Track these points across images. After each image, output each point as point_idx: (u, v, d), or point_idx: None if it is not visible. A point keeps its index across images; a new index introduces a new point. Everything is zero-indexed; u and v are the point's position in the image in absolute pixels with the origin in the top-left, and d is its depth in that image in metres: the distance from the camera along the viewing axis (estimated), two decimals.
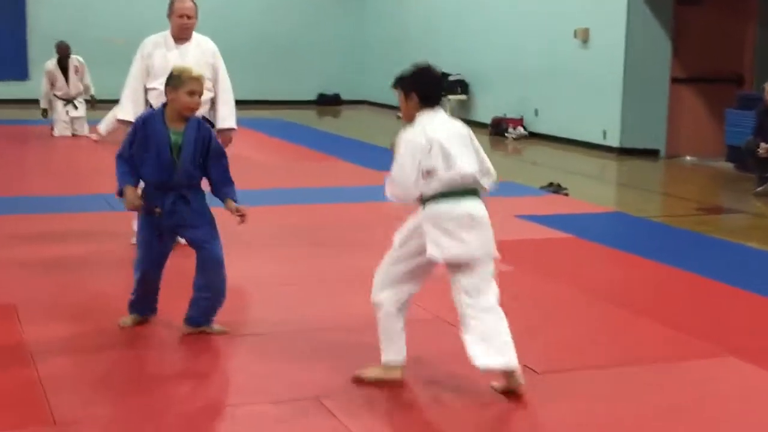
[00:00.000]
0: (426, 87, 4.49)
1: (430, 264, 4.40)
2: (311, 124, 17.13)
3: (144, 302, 5.23)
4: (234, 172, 5.15)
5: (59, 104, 13.84)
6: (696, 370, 4.85)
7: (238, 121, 7.44)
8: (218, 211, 5.17)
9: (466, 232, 4.32)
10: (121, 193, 4.99)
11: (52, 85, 13.89)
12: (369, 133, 15.74)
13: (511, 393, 4.34)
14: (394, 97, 5.02)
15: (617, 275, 7.02)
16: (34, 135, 14.18)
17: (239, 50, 19.60)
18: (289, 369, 4.65)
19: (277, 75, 19.92)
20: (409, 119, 4.46)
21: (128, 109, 6.97)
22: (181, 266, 5.36)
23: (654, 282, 6.70)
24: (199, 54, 7.01)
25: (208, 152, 4.98)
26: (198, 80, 4.93)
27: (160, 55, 6.93)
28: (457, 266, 4.36)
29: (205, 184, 5.10)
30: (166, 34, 7.02)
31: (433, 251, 4.30)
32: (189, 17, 6.95)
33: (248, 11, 19.83)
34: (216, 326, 5.09)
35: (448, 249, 4.31)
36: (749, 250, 7.80)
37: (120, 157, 5.02)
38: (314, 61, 20.13)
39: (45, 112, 13.97)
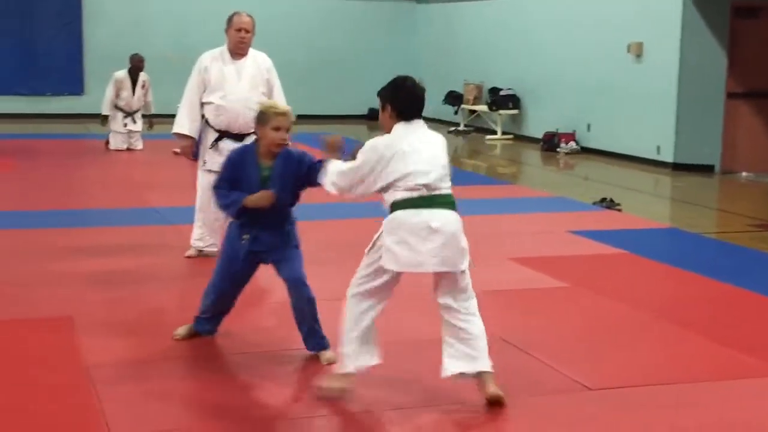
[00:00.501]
0: (400, 101, 4.54)
1: (391, 274, 4.40)
2: (362, 139, 17.15)
3: (212, 322, 5.27)
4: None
5: (119, 116, 14.01)
6: (751, 389, 4.80)
7: (292, 137, 7.47)
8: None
9: (422, 242, 4.30)
10: (238, 215, 5.05)
11: (117, 95, 14.05)
12: None
13: (493, 402, 4.37)
14: (445, 112, 5.12)
15: (671, 292, 6.96)
16: (89, 149, 14.40)
17: (292, 66, 19.78)
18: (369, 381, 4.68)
19: (328, 90, 20.06)
20: (386, 129, 4.58)
21: (184, 123, 7.06)
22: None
23: (708, 299, 6.63)
24: (255, 69, 7.08)
25: (304, 176, 5.01)
26: (284, 115, 4.98)
27: (216, 69, 7.00)
28: (436, 276, 4.41)
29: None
30: (223, 49, 7.09)
31: (385, 260, 4.34)
32: (246, 31, 7.01)
33: (301, 28, 19.99)
34: (327, 354, 4.99)
35: (401, 259, 4.32)
36: None
37: (217, 188, 5.13)
38: (365, 76, 20.18)
39: (105, 119, 14.03)
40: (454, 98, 18.40)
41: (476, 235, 8.07)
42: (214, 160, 6.90)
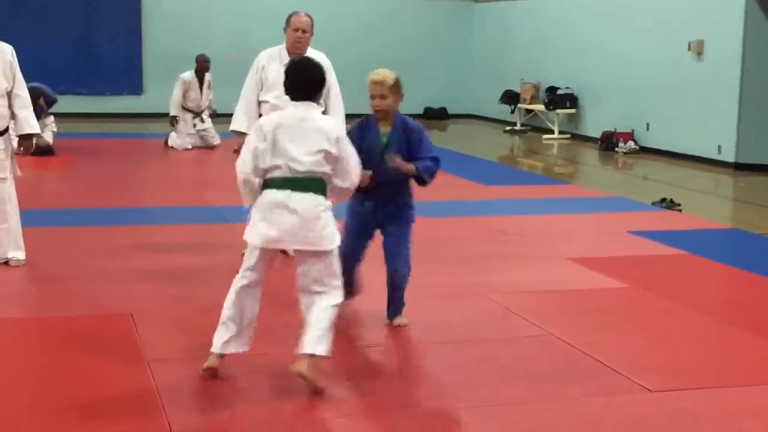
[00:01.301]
0: (289, 81, 4.66)
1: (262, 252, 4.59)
2: None
3: (353, 287, 5.45)
4: None
5: (188, 116, 14.18)
6: None
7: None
8: None
9: (277, 219, 4.48)
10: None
11: (184, 96, 14.20)
12: (475, 147, 15.75)
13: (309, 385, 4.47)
14: (500, 110, 5.17)
15: (734, 294, 6.87)
16: (148, 148, 14.58)
17: (350, 65, 19.74)
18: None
19: None
20: None
21: (241, 121, 7.13)
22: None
23: None
24: None
25: (418, 147, 5.34)
26: (375, 84, 5.31)
27: (274, 68, 7.04)
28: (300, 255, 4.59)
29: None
30: (281, 48, 7.14)
31: (246, 234, 4.59)
32: (304, 31, 7.04)
33: (359, 27, 20.04)
34: (399, 319, 5.50)
35: (257, 234, 4.54)
36: None
37: None
38: (421, 75, 20.19)
39: (175, 119, 14.12)
40: (510, 97, 18.32)
41: (534, 234, 8.08)
42: None
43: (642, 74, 15.19)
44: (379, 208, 5.38)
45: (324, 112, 7.18)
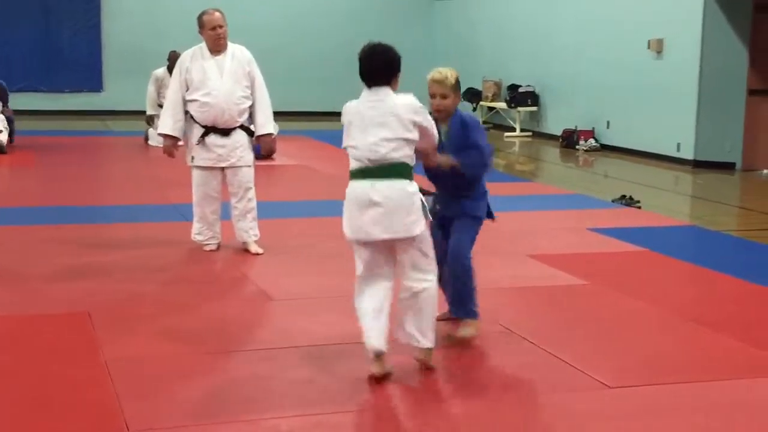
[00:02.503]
0: (360, 67, 4.65)
1: (369, 245, 4.59)
2: None
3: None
4: (302, 183, 5.22)
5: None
6: None
7: (309, 133, 7.56)
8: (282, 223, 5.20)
9: (363, 212, 4.50)
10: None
11: (158, 93, 14.04)
12: None
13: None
14: (462, 108, 5.16)
15: (692, 290, 6.93)
16: (108, 145, 14.48)
17: (310, 63, 19.87)
18: (355, 378, 4.67)
19: (346, 86, 19.93)
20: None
21: (167, 124, 7.25)
22: None
23: (730, 297, 6.58)
24: (236, 63, 7.21)
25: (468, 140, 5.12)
26: (436, 82, 5.09)
27: (197, 67, 7.15)
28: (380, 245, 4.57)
29: None
30: (202, 46, 7.24)
31: (344, 228, 4.60)
32: (220, 26, 7.15)
33: (316, 25, 20.01)
34: (466, 329, 5.20)
35: (350, 228, 4.58)
36: None
37: None
38: None
39: (152, 119, 13.83)
40: (472, 95, 18.37)
41: (495, 231, 8.08)
42: (201, 155, 7.22)
43: (602, 72, 15.30)
44: (443, 207, 5.23)
45: (251, 106, 7.25)
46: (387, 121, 4.51)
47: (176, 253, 7.40)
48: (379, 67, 4.61)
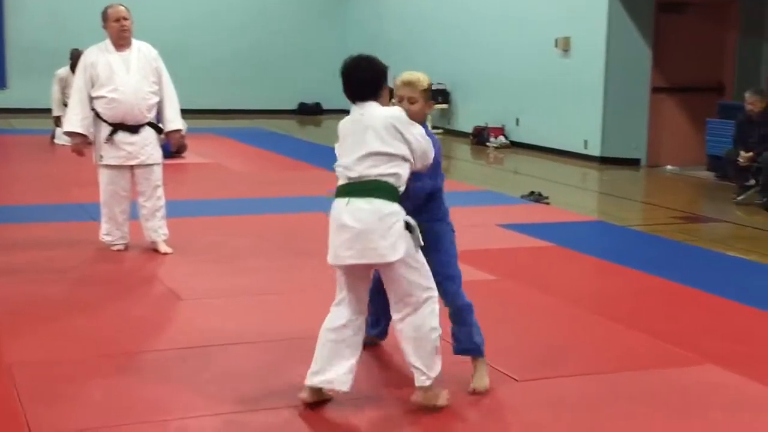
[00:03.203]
0: (342, 83, 4.29)
1: (346, 271, 4.21)
2: (292, 133, 17.12)
3: (373, 322, 4.90)
4: (213, 182, 5.15)
5: None
6: (676, 378, 4.86)
7: (219, 130, 7.50)
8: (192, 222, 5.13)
9: (337, 233, 4.12)
10: None
11: (63, 93, 13.70)
12: None
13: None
14: None
15: (599, 284, 7.05)
16: (13, 144, 14.12)
17: (222, 61, 19.69)
18: (267, 377, 4.64)
19: (258, 85, 19.92)
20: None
21: (74, 121, 7.09)
22: None
23: (635, 290, 6.71)
24: (143, 59, 7.13)
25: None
26: (406, 85, 4.45)
27: (103, 63, 7.04)
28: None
29: None
30: (107, 42, 7.12)
31: (328, 255, 4.19)
32: (125, 18, 7.07)
33: (230, 24, 19.85)
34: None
35: (331, 252, 4.16)
36: (730, 259, 7.84)
37: None
38: (295, 71, 20.15)
39: (58, 119, 13.26)
40: None
41: None
42: (110, 154, 7.10)
43: (512, 71, 15.48)
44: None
45: (159, 102, 7.18)
46: (365, 136, 4.12)
47: (83, 253, 7.25)
48: (362, 81, 4.24)
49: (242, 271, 6.71)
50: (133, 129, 7.06)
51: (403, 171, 4.13)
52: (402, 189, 4.14)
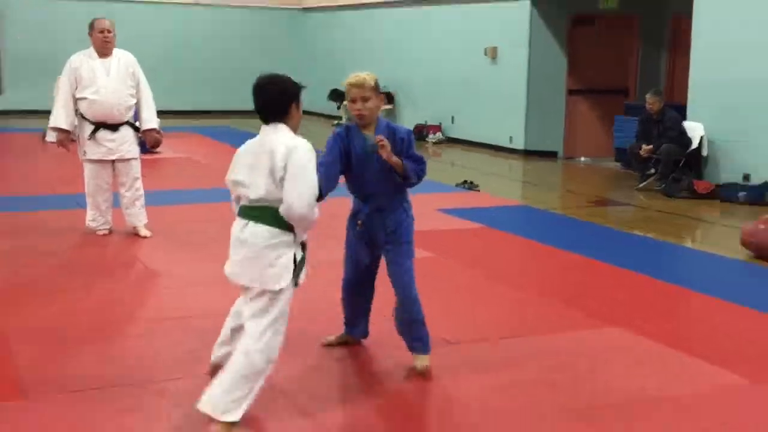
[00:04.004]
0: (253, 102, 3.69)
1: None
2: (256, 131, 16.96)
3: (351, 322, 4.58)
4: (184, 174, 5.12)
5: None
6: (585, 339, 4.94)
7: (192, 129, 7.45)
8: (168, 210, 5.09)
9: (235, 253, 3.61)
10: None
11: None
12: (307, 138, 15.67)
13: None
14: (329, 106, 5.01)
15: (522, 260, 7.12)
16: (11, 141, 13.87)
17: (193, 65, 19.51)
18: None
19: (225, 87, 19.72)
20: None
21: (61, 118, 7.02)
22: None
23: (552, 265, 6.80)
24: (122, 65, 7.08)
25: (406, 149, 4.25)
26: (354, 86, 4.13)
27: (86, 67, 7.00)
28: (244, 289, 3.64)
29: None
30: (90, 50, 7.08)
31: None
32: (109, 31, 7.04)
33: (199, 31, 19.67)
34: (419, 361, 4.27)
35: (226, 267, 3.66)
36: (633, 237, 7.96)
37: (321, 165, 4.02)
38: (260, 74, 19.98)
39: None
40: (337, 95, 18.31)
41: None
42: (93, 150, 7.07)
43: (447, 76, 15.50)
44: (376, 224, 4.29)
45: (137, 104, 7.12)
46: (260, 160, 3.52)
47: (71, 238, 7.18)
48: (267, 101, 3.62)
49: (213, 254, 6.68)
50: (113, 127, 7.01)
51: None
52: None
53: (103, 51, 7.00)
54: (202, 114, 18.74)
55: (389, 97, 17.14)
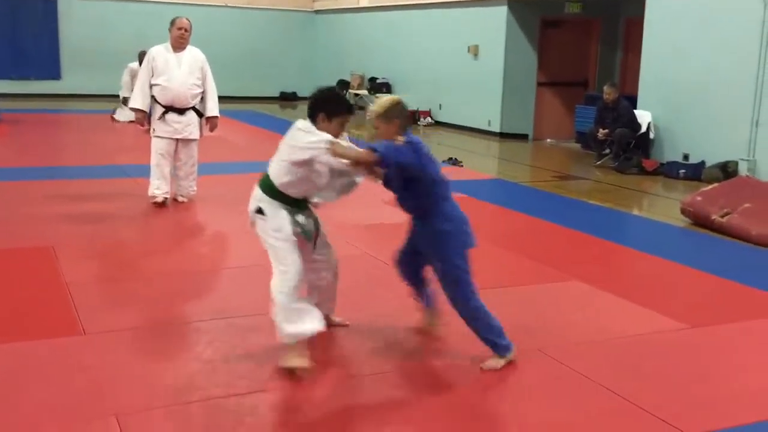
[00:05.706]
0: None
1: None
2: (275, 114, 16.93)
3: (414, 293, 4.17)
4: (216, 150, 5.09)
5: None
6: (550, 290, 4.97)
7: (222, 112, 7.41)
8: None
9: None
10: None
11: (132, 81, 13.21)
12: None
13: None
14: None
15: (497, 223, 7.11)
16: (67, 120, 13.80)
17: (222, 57, 19.25)
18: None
19: (249, 77, 19.60)
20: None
21: (138, 100, 6.94)
22: None
23: (523, 228, 6.80)
24: (192, 60, 6.98)
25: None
26: (372, 117, 3.76)
27: (162, 59, 6.91)
28: None
29: None
30: (167, 44, 6.97)
31: None
32: (186, 30, 6.94)
33: (227, 28, 19.47)
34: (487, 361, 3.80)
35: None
36: (590, 206, 7.97)
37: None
38: (278, 67, 19.83)
39: (126, 100, 12.93)
40: (343, 85, 18.25)
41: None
42: (161, 128, 6.98)
43: (436, 69, 15.41)
44: (416, 235, 3.92)
45: (202, 93, 7.05)
46: (281, 146, 3.67)
47: (124, 202, 7.16)
48: (310, 103, 3.65)
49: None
50: (180, 111, 6.89)
51: (295, 179, 3.73)
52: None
53: (178, 46, 6.88)
54: (226, 99, 18.63)
55: (387, 87, 17.05)
